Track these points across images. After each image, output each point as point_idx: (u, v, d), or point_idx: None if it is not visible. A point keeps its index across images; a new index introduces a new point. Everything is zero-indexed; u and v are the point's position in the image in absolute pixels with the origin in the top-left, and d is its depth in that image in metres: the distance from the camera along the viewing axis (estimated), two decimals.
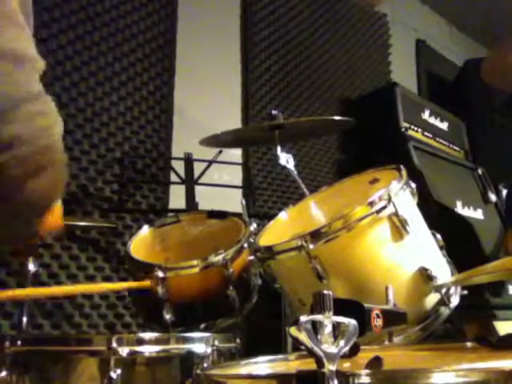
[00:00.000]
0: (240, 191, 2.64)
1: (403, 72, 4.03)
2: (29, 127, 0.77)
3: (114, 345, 1.07)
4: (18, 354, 1.10)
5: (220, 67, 2.89)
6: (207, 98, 2.77)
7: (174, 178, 2.30)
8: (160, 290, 1.44)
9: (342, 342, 0.60)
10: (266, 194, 2.93)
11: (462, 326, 2.49)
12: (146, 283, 1.46)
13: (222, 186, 2.32)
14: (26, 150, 0.77)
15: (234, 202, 2.03)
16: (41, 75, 0.81)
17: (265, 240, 1.41)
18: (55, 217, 1.06)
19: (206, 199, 2.19)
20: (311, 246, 1.21)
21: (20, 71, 0.77)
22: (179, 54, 2.70)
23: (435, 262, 1.33)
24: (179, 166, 2.25)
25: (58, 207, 1.07)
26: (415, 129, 3.28)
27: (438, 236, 1.40)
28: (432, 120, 3.45)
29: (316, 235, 1.22)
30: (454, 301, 1.31)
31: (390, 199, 1.23)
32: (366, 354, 0.75)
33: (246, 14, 3.07)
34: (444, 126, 3.54)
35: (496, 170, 3.49)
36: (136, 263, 1.55)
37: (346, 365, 0.76)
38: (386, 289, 1.08)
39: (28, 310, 1.46)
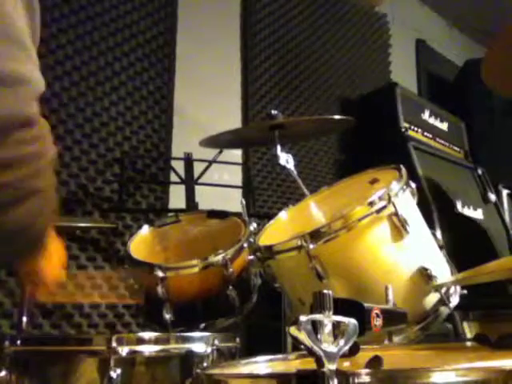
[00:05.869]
0: (240, 191, 2.64)
1: (403, 72, 4.03)
2: (19, 153, 0.74)
3: (114, 344, 1.07)
4: (17, 354, 1.09)
5: (220, 67, 2.89)
6: (207, 98, 2.77)
7: (173, 177, 2.30)
8: (160, 289, 1.44)
9: (341, 342, 0.60)
10: (265, 194, 2.93)
11: (462, 326, 2.48)
12: None
13: (222, 186, 2.32)
14: (13, 175, 0.74)
15: (233, 202, 2.03)
16: (39, 95, 0.76)
17: (264, 240, 1.41)
18: (54, 265, 1.05)
19: (206, 199, 2.19)
20: (311, 246, 1.21)
21: (17, 94, 0.73)
22: (179, 54, 2.70)
23: (435, 262, 1.32)
24: (179, 166, 2.25)
25: (57, 258, 1.07)
26: (415, 129, 3.27)
27: (438, 236, 1.39)
28: (432, 120, 3.45)
29: (316, 235, 1.22)
30: (454, 300, 1.31)
31: (389, 199, 1.23)
32: (365, 354, 0.75)
33: (246, 13, 3.07)
34: (444, 126, 3.54)
35: (496, 169, 3.49)
36: (136, 263, 1.55)
37: (346, 364, 0.76)
38: (386, 288, 1.08)
39: (28, 309, 1.46)
